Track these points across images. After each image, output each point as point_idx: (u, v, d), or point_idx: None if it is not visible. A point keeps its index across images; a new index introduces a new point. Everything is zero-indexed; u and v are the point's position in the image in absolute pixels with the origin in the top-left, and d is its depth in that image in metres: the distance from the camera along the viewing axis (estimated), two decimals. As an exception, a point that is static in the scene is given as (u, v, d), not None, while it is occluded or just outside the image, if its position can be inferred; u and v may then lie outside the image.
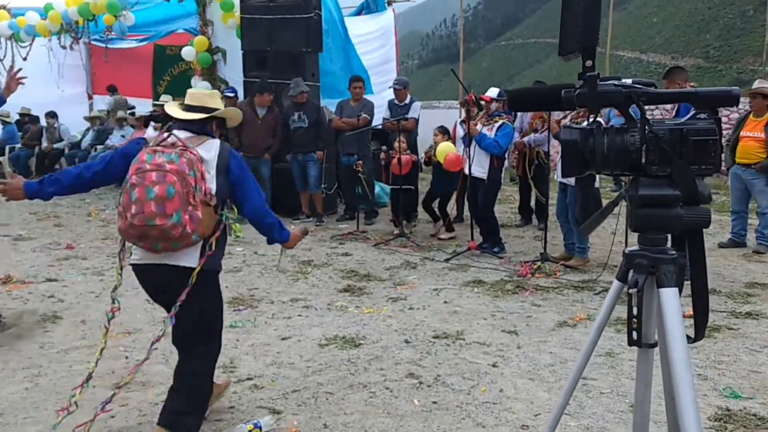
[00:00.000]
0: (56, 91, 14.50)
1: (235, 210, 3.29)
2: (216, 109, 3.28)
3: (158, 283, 3.17)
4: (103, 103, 14.83)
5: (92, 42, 13.05)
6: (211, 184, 3.05)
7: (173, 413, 3.15)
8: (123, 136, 12.85)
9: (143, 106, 13.92)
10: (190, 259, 3.06)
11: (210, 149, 3.11)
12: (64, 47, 12.68)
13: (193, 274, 3.04)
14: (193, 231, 2.95)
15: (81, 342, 4.72)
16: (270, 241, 3.47)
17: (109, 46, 11.86)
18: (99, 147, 13.28)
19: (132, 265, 3.18)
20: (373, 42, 12.49)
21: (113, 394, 3.28)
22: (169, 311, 3.09)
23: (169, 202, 2.87)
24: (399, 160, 8.15)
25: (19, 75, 4.81)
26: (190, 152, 3.00)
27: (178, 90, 13.76)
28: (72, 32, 12.02)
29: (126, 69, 13.70)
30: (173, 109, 3.26)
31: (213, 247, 3.11)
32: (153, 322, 5.09)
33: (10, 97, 4.94)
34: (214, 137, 3.23)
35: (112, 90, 14.40)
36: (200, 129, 3.20)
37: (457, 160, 7.76)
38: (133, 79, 13.98)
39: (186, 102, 3.30)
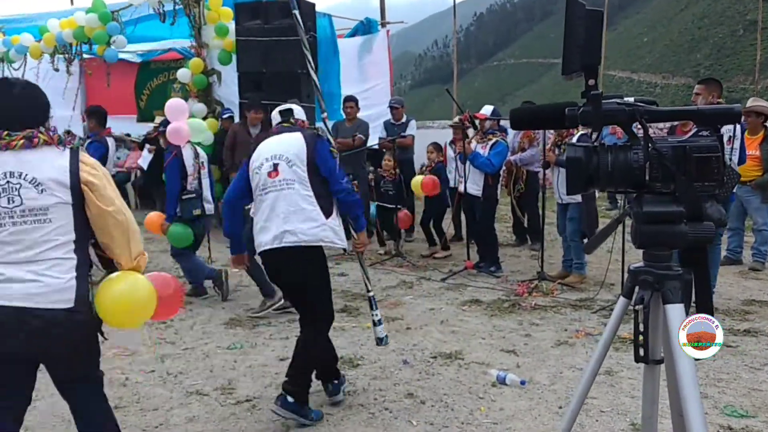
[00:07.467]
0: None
1: None
2: None
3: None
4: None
5: (86, 59, 12.86)
6: None
7: None
8: (119, 157, 12.78)
9: (128, 123, 13.63)
10: None
11: None
12: (56, 69, 12.50)
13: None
14: None
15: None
16: None
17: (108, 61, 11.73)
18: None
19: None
20: (367, 63, 12.56)
21: None
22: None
23: None
24: (397, 216, 8.25)
25: None
26: None
27: (158, 103, 13.60)
28: (67, 53, 11.97)
29: (115, 87, 13.47)
30: None
31: None
32: (149, 343, 5.06)
33: None
34: None
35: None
36: None
37: (431, 183, 7.85)
38: (121, 96, 13.70)
39: None
